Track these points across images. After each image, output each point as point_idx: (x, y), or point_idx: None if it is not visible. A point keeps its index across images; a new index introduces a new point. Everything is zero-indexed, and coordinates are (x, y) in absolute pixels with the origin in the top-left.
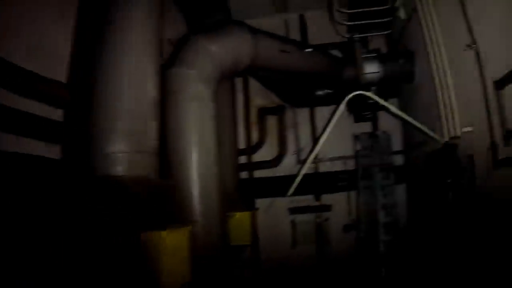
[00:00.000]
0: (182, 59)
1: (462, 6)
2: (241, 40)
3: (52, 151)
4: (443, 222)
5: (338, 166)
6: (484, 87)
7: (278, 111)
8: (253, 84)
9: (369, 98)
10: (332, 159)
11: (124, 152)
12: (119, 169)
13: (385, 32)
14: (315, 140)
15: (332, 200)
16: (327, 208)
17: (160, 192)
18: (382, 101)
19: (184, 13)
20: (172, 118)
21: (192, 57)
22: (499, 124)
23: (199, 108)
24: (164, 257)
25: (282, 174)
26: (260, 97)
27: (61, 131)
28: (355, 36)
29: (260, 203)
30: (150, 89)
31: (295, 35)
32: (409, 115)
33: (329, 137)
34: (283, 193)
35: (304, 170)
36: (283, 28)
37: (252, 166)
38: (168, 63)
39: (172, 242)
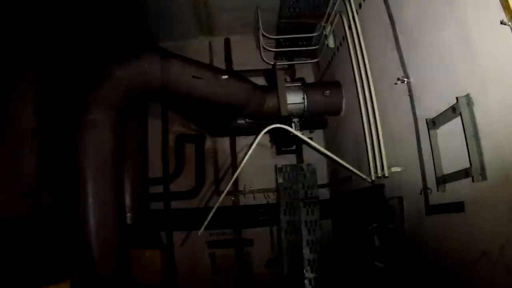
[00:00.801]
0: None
1: (394, 37)
2: (150, 65)
3: None
4: (369, 266)
5: (260, 199)
6: (416, 125)
7: (197, 139)
8: (172, 111)
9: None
10: (253, 192)
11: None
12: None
13: (313, 61)
14: (234, 170)
15: (254, 234)
16: (249, 242)
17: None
18: (301, 135)
19: None
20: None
21: (95, 81)
22: (432, 166)
23: (98, 137)
24: None
25: (200, 205)
26: (179, 124)
27: None
28: (280, 63)
29: (177, 236)
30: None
31: (219, 59)
32: (335, 148)
33: (251, 168)
34: (201, 226)
35: (219, 203)
36: (207, 51)
37: (169, 196)
38: None
39: None
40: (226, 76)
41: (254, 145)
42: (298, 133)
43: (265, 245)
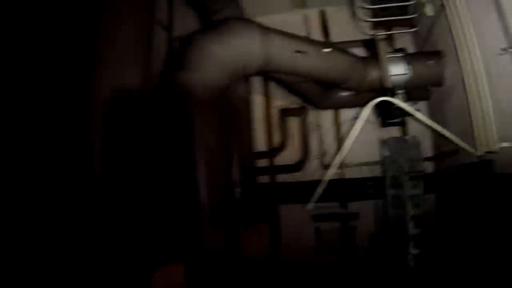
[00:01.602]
0: (183, 62)
1: (496, 3)
2: (250, 42)
3: None
4: (476, 245)
5: (364, 172)
6: None
7: (300, 112)
8: (274, 84)
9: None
10: (358, 165)
11: None
12: None
13: (411, 30)
14: (340, 143)
15: (359, 208)
16: (354, 216)
17: None
18: (408, 108)
19: (194, 8)
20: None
21: (196, 60)
22: None
23: (204, 117)
24: None
25: (305, 179)
26: (281, 98)
27: None
28: (379, 34)
29: (283, 209)
30: None
31: (315, 32)
32: (439, 120)
33: (355, 141)
34: (306, 199)
35: (329, 176)
36: (302, 25)
37: (274, 169)
38: (172, 65)
39: None
40: (328, 49)
41: (362, 117)
42: (406, 106)
43: (370, 220)
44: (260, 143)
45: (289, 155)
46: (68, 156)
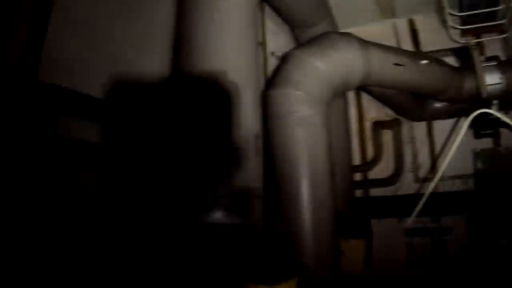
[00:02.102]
0: (287, 79)
1: None
2: (352, 56)
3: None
4: None
5: (457, 185)
6: None
7: (393, 125)
8: (366, 96)
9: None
10: (451, 178)
11: (224, 196)
12: (219, 215)
13: (502, 36)
14: (434, 156)
15: (451, 222)
16: (447, 230)
17: (264, 238)
18: (507, 119)
19: (287, 23)
20: (278, 147)
21: (299, 76)
22: None
23: (310, 134)
24: None
25: (398, 192)
26: (374, 110)
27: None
28: (470, 41)
29: (374, 223)
30: (252, 121)
31: (405, 42)
32: None
33: (448, 153)
34: (400, 214)
35: (429, 190)
36: (391, 34)
37: (367, 184)
38: (271, 82)
39: None
40: (426, 61)
41: (463, 130)
42: (505, 117)
43: (462, 235)
44: (354, 157)
45: (382, 169)
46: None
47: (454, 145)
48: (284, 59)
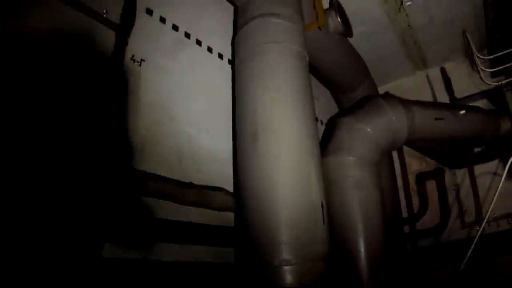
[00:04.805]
0: (338, 145)
1: None
2: (397, 117)
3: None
4: None
5: (503, 226)
6: None
7: (436, 174)
8: (407, 149)
9: None
10: (495, 219)
11: (292, 264)
12: (288, 281)
13: None
14: (477, 200)
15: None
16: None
17: None
18: None
19: (327, 87)
20: (336, 209)
21: (349, 142)
22: None
23: (365, 197)
24: None
25: (446, 240)
26: (416, 161)
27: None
28: (501, 82)
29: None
30: (318, 190)
31: (439, 91)
32: None
33: (491, 194)
34: (450, 261)
35: (478, 235)
36: (425, 85)
37: (416, 235)
38: (325, 149)
39: None
40: (463, 111)
41: (505, 172)
42: None
43: None
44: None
45: (429, 219)
46: None
47: (499, 188)
48: (332, 125)
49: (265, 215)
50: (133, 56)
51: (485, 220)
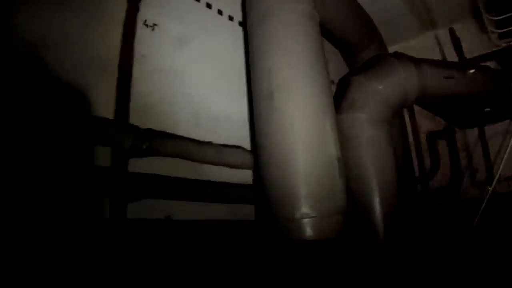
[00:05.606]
0: (351, 103)
1: None
2: (407, 75)
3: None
4: None
5: None
6: None
7: (447, 134)
8: (418, 109)
9: None
10: (507, 179)
11: (311, 217)
12: (308, 233)
13: None
14: (488, 160)
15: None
16: None
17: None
18: None
19: (337, 48)
20: (350, 165)
21: (362, 100)
22: None
23: (378, 153)
24: None
25: (459, 199)
26: (427, 121)
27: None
28: (510, 43)
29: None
30: (334, 145)
31: (448, 51)
32: None
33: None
34: (463, 221)
35: (488, 194)
36: (434, 45)
37: (428, 193)
38: (339, 107)
39: None
40: (473, 70)
41: None
42: None
43: None
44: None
45: (441, 178)
46: None
47: (508, 146)
48: (345, 84)
49: (284, 170)
50: (145, 21)
51: (495, 179)
